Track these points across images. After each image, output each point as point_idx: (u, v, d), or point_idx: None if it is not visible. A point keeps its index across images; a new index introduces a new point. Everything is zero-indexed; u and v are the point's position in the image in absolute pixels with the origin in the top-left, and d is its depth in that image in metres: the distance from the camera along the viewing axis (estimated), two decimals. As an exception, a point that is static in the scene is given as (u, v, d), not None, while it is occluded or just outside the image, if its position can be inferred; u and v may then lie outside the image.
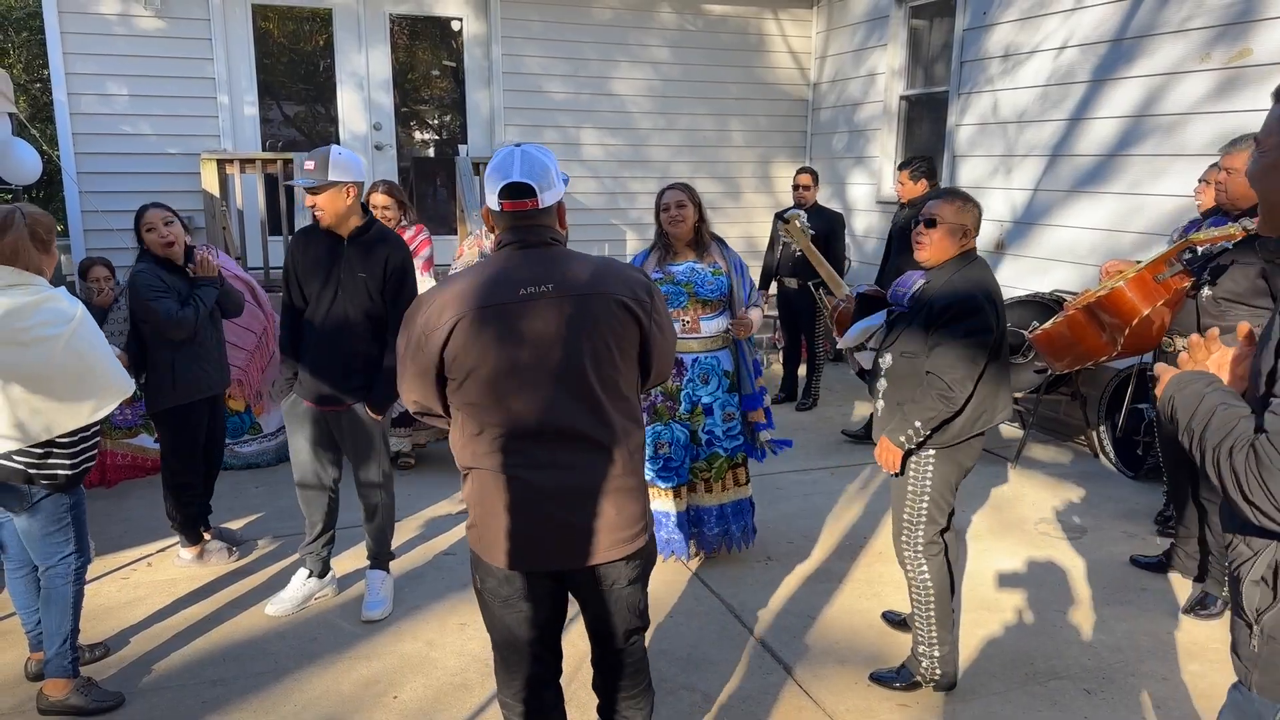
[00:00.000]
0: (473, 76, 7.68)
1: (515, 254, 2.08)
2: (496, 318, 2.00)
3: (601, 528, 2.10)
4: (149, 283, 3.84)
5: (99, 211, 6.34)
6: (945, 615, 3.07)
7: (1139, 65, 5.40)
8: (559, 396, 2.03)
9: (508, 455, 2.06)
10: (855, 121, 7.97)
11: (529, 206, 2.06)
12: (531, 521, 2.08)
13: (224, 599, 3.82)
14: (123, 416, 5.18)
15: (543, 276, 2.03)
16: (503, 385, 2.02)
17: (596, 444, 2.07)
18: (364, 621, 3.60)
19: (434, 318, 2.02)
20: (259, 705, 3.08)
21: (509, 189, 2.05)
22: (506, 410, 2.03)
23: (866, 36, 7.74)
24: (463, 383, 2.04)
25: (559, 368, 2.02)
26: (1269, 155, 1.44)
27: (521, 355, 2.01)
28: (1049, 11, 5.98)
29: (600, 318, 2.04)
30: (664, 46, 7.96)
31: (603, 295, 2.05)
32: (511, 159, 2.07)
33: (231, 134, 6.88)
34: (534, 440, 2.05)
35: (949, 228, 2.84)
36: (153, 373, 3.96)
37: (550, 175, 2.08)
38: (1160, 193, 5.26)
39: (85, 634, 3.44)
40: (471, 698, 3.12)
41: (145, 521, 4.58)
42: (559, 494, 2.07)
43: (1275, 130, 1.42)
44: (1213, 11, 4.97)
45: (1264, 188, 1.47)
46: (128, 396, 2.95)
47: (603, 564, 2.13)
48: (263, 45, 7.14)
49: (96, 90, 6.50)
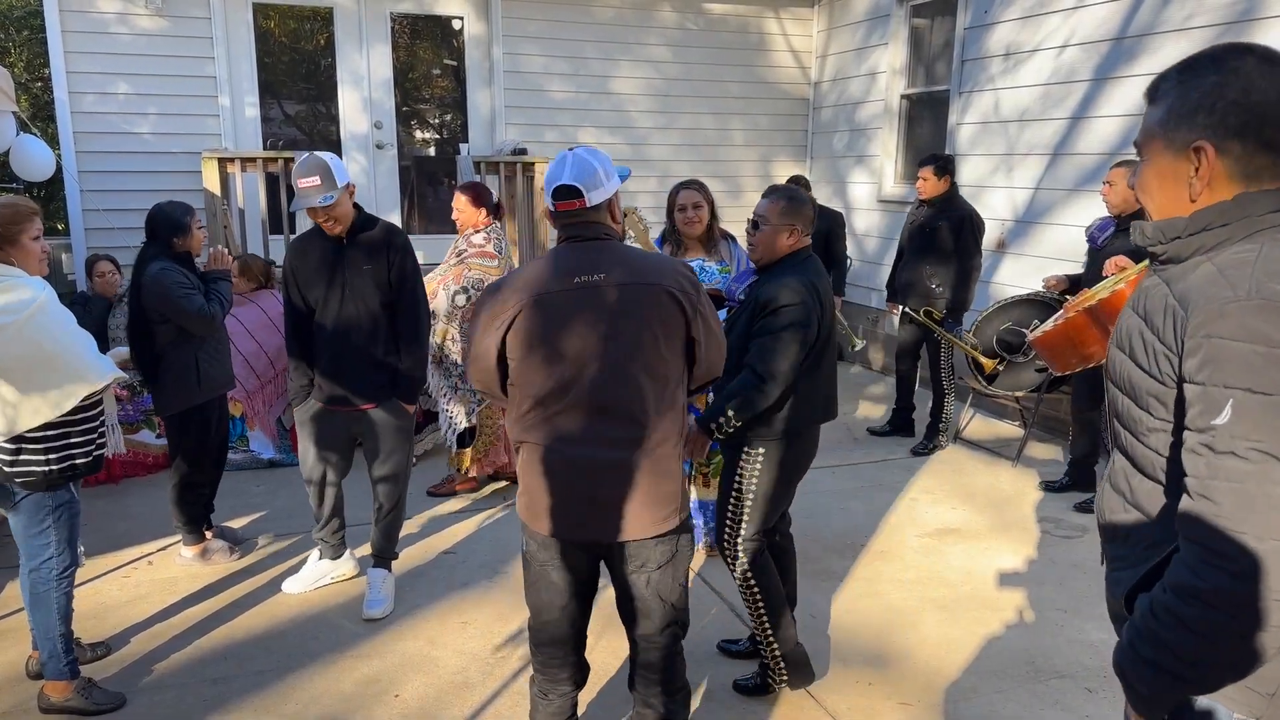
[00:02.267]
0: (473, 76, 7.68)
1: (570, 247, 2.26)
2: (552, 304, 2.18)
3: (633, 506, 2.23)
4: (178, 280, 3.77)
5: (100, 210, 6.34)
6: (777, 612, 2.98)
7: (1141, 64, 5.40)
8: (605, 377, 2.18)
9: (553, 431, 2.23)
10: (856, 120, 7.96)
11: (576, 206, 2.24)
12: (569, 494, 2.24)
13: (225, 598, 3.82)
14: (124, 413, 5.18)
15: (595, 266, 2.21)
16: (553, 366, 2.19)
17: (637, 424, 2.21)
18: (365, 620, 3.60)
19: (499, 306, 2.22)
20: (260, 704, 3.08)
21: (559, 191, 2.24)
22: (555, 388, 2.20)
23: (867, 35, 7.74)
24: (519, 363, 2.22)
25: (607, 351, 2.18)
26: (1146, 160, 1.40)
27: (573, 339, 2.18)
28: (1050, 10, 5.97)
29: (648, 306, 2.20)
30: (664, 46, 7.96)
31: (651, 285, 2.21)
32: (563, 163, 2.25)
33: (233, 133, 6.87)
34: (578, 418, 2.20)
35: (773, 228, 2.88)
36: (171, 373, 3.89)
37: (597, 176, 2.24)
38: (1161, 192, 5.26)
39: (87, 633, 3.45)
40: (473, 696, 3.12)
41: (146, 519, 4.59)
42: (596, 469, 2.21)
43: (1152, 133, 1.37)
44: (1214, 10, 4.96)
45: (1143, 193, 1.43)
46: (102, 386, 2.85)
47: (633, 541, 2.25)
48: (264, 44, 7.14)
49: (98, 89, 6.49)
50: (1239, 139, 1.27)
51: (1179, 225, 1.32)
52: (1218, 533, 1.18)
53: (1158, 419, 1.34)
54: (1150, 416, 1.35)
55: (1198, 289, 1.26)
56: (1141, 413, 1.37)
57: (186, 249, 3.89)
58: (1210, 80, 1.29)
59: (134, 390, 5.20)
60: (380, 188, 7.48)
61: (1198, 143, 1.29)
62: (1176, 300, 1.28)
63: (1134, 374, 1.37)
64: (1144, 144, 1.39)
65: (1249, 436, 1.17)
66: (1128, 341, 1.40)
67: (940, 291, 5.48)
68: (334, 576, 3.88)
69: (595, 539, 2.27)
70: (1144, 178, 1.40)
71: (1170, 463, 1.34)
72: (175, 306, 3.75)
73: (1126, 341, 1.40)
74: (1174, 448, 1.32)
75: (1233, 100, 1.26)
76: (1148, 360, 1.33)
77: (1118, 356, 1.43)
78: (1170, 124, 1.33)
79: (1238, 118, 1.27)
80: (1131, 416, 1.40)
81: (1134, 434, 1.40)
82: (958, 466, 5.47)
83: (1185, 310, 1.25)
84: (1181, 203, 1.34)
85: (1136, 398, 1.37)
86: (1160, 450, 1.35)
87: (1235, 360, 1.18)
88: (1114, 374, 1.44)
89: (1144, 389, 1.35)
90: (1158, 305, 1.32)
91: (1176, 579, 1.23)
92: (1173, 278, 1.32)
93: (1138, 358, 1.36)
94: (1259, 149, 1.27)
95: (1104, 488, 1.54)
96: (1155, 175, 1.37)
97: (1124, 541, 1.45)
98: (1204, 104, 1.29)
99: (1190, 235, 1.31)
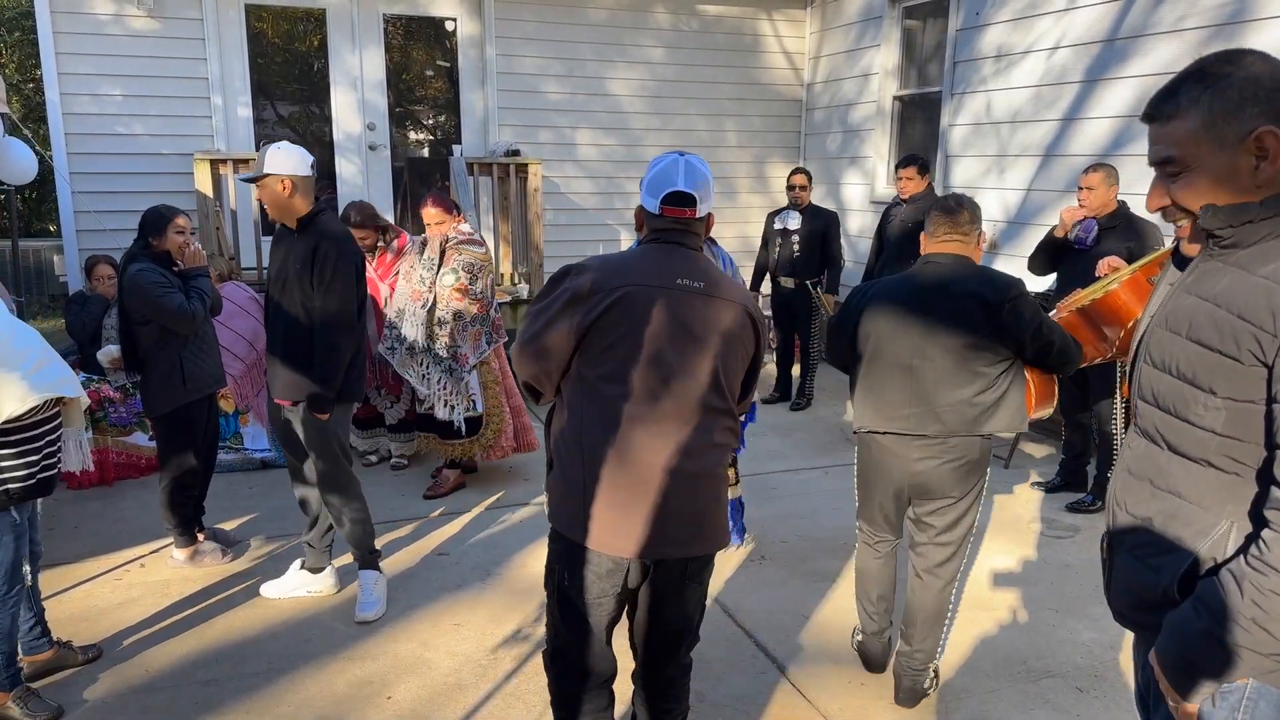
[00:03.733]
0: (467, 77, 7.68)
1: (670, 249, 2.19)
2: (657, 299, 2.10)
3: (708, 516, 2.18)
4: (155, 280, 3.79)
5: (92, 212, 6.33)
6: None
7: (1132, 65, 5.42)
8: (695, 383, 2.12)
9: (631, 435, 2.09)
10: (849, 122, 7.98)
11: (688, 215, 2.18)
12: (644, 504, 2.09)
13: (217, 600, 3.81)
14: (117, 415, 5.17)
15: (696, 274, 2.16)
16: (647, 364, 2.09)
17: (712, 435, 2.16)
18: (358, 623, 3.59)
19: (599, 282, 2.09)
20: (253, 706, 3.07)
21: (673, 196, 2.16)
22: (641, 388, 2.09)
23: (860, 37, 7.75)
24: (603, 353, 2.10)
25: (697, 356, 2.12)
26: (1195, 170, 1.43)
27: (670, 340, 2.10)
28: (1042, 12, 5.99)
29: (735, 323, 2.18)
30: (658, 47, 7.96)
31: (739, 305, 2.19)
32: (676, 168, 2.17)
33: (225, 134, 6.86)
34: (660, 422, 2.10)
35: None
36: (156, 373, 3.90)
37: (709, 189, 2.20)
38: (1153, 193, 5.28)
39: (78, 635, 3.44)
40: (466, 698, 3.12)
41: (138, 521, 4.57)
42: (676, 476, 2.10)
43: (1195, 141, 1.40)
44: (1206, 12, 4.98)
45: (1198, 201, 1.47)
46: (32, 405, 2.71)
47: (700, 556, 2.19)
48: (256, 45, 7.13)
49: (90, 90, 6.48)
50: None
51: (1252, 210, 1.37)
52: None
53: (1222, 398, 1.37)
54: (1213, 396, 1.38)
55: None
56: (1202, 393, 1.39)
57: (164, 249, 3.90)
58: (1240, 76, 1.35)
59: (126, 392, 5.19)
60: (374, 189, 7.46)
61: (1259, 131, 1.34)
62: (1265, 279, 1.33)
63: (1196, 354, 1.39)
64: (1186, 156, 1.41)
65: None
66: (1185, 324, 1.42)
67: None
68: (310, 590, 3.80)
69: (688, 554, 2.15)
70: (1195, 187, 1.42)
71: (1229, 441, 1.37)
72: (155, 306, 3.77)
73: (1184, 324, 1.42)
74: (1238, 425, 1.36)
75: (1272, 88, 1.34)
76: (1220, 339, 1.36)
77: (1166, 339, 1.45)
78: (1217, 125, 1.37)
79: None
80: (1181, 399, 1.43)
81: (1181, 417, 1.43)
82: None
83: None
84: (1246, 195, 1.38)
85: (1195, 379, 1.40)
86: (1219, 429, 1.38)
87: None
88: (1158, 358, 1.47)
89: (1209, 368, 1.38)
90: (1238, 287, 1.36)
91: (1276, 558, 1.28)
92: (1245, 261, 1.37)
93: (1204, 338, 1.38)
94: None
95: (1123, 478, 1.55)
96: (1211, 180, 1.40)
97: (1155, 529, 1.47)
98: (1247, 96, 1.34)
99: (1263, 220, 1.36)
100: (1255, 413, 1.34)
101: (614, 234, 8.12)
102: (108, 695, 3.13)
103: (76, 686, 3.17)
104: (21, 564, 2.92)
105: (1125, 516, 1.53)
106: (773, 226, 6.67)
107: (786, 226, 6.55)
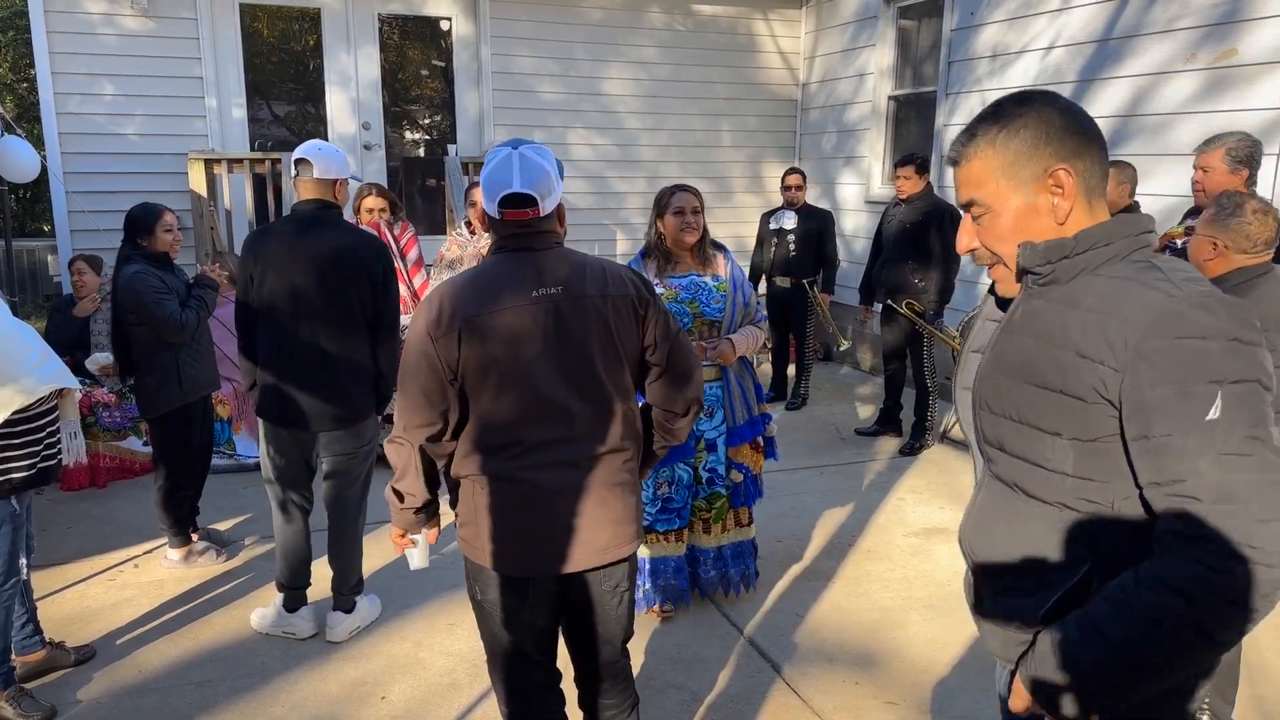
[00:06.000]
0: (461, 77, 7.67)
1: (522, 256, 2.03)
2: (511, 320, 1.97)
3: (608, 525, 2.09)
4: (152, 284, 3.77)
5: (85, 212, 6.31)
6: None
7: (1126, 65, 5.43)
8: (570, 395, 2.01)
9: (515, 458, 2.02)
10: (844, 122, 7.98)
11: (529, 216, 2.01)
12: (540, 523, 2.04)
13: (212, 600, 3.81)
14: (111, 419, 5.16)
15: (551, 279, 2.01)
16: (518, 386, 1.99)
17: (606, 441, 2.06)
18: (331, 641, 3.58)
19: (445, 321, 1.96)
20: (246, 707, 3.07)
21: (511, 199, 1.99)
22: (517, 412, 2.00)
23: (855, 36, 7.76)
24: (476, 387, 2.00)
25: (571, 367, 2.01)
26: (993, 212, 1.45)
27: (537, 356, 1.98)
28: (1037, 12, 6.00)
29: (609, 318, 2.03)
30: (653, 47, 7.96)
31: (609, 297, 2.04)
32: (509, 165, 1.99)
33: (220, 134, 6.85)
34: (541, 441, 2.02)
35: None
36: (152, 375, 3.88)
37: (550, 180, 2.02)
38: (1149, 193, 5.28)
39: (71, 636, 3.43)
40: (460, 698, 3.11)
41: (133, 523, 4.56)
42: (567, 492, 2.04)
43: (993, 180, 1.41)
44: (1199, 12, 5.00)
45: (999, 243, 1.48)
46: (40, 396, 2.79)
47: (610, 564, 2.12)
48: (251, 45, 7.12)
49: (83, 90, 6.46)
50: (1079, 159, 1.37)
51: (1066, 245, 1.36)
52: (1242, 526, 1.20)
53: (1069, 439, 1.34)
54: (1059, 438, 1.35)
55: (1129, 300, 1.28)
56: (1048, 436, 1.36)
57: (154, 249, 3.88)
58: (1030, 117, 1.38)
59: (122, 396, 5.17)
60: (368, 189, 7.44)
61: (1056, 169, 1.36)
62: (1094, 313, 1.30)
63: (1038, 397, 1.36)
64: (986, 198, 1.42)
65: (1244, 423, 1.22)
66: (1021, 367, 1.39)
67: (924, 287, 5.52)
68: (285, 630, 3.51)
69: (583, 567, 2.08)
70: (997, 229, 1.43)
71: (1081, 482, 1.34)
72: (148, 311, 3.76)
73: (1020, 367, 1.39)
74: (1088, 465, 1.33)
75: (1060, 127, 1.36)
76: (1063, 380, 1.33)
77: (1004, 385, 1.42)
78: (1013, 166, 1.38)
79: (1073, 141, 1.37)
80: (1027, 443, 1.40)
81: (1029, 461, 1.40)
82: (944, 466, 5.49)
83: (1119, 320, 1.27)
84: (1049, 231, 1.39)
85: (1039, 423, 1.37)
86: (1070, 471, 1.35)
87: (1208, 356, 1.22)
88: (998, 406, 1.44)
89: (1054, 410, 1.34)
90: (1070, 324, 1.33)
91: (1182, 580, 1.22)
92: (1069, 297, 1.35)
93: (1044, 379, 1.35)
94: (1092, 166, 1.38)
95: (974, 523, 1.53)
96: (1013, 218, 1.41)
97: (1015, 572, 1.44)
98: (1041, 137, 1.37)
99: (1077, 255, 1.36)
100: (1104, 451, 1.31)
101: (609, 234, 8.12)
102: (101, 696, 3.12)
103: (70, 687, 3.16)
104: (19, 555, 2.95)
105: (984, 562, 1.50)
106: (768, 226, 6.68)
107: (782, 226, 6.55)
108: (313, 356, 3.26)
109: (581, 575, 2.12)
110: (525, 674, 2.21)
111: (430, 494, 2.11)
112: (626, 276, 2.11)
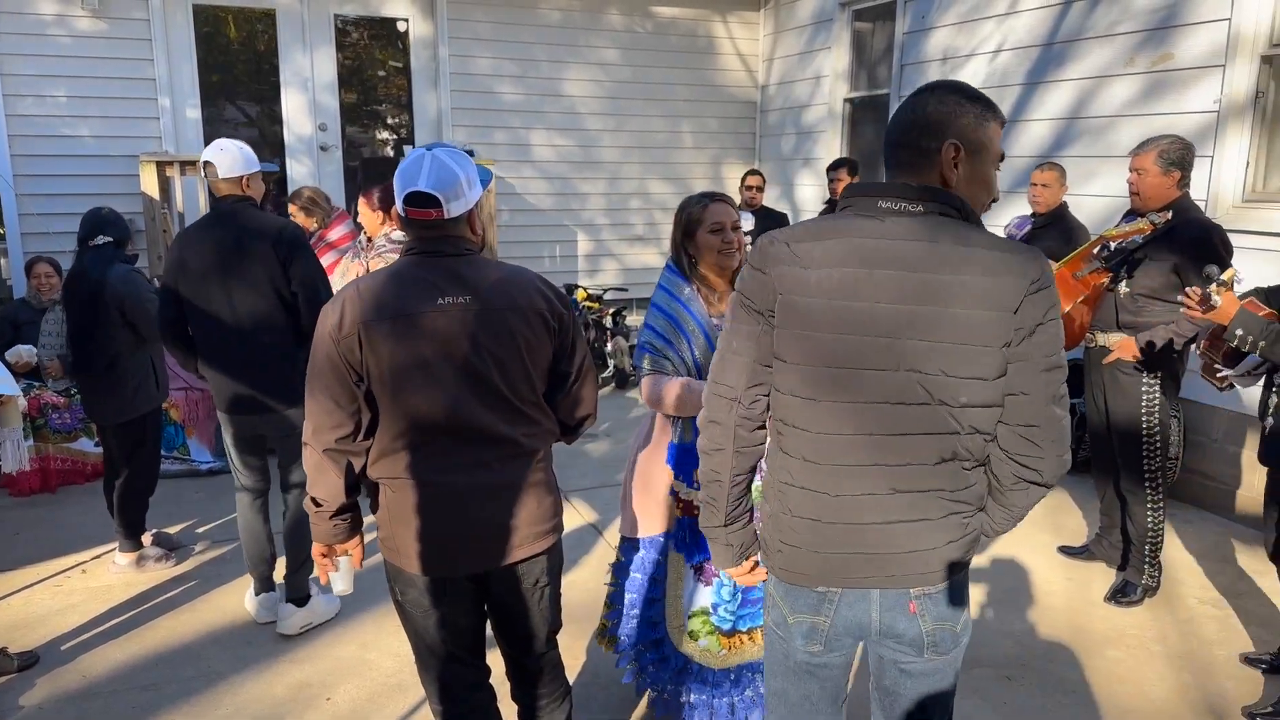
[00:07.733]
0: (419, 77, 7.66)
1: (430, 261, 2.04)
2: (416, 326, 1.98)
3: (521, 523, 2.12)
4: (147, 285, 3.84)
5: (37, 215, 6.24)
6: None
7: (1070, 69, 5.54)
8: (474, 401, 2.03)
9: (425, 461, 2.05)
10: (802, 124, 8.06)
11: (433, 217, 2.02)
12: (453, 524, 2.08)
13: (160, 605, 3.79)
14: (61, 420, 5.11)
15: (459, 286, 2.01)
16: (422, 392, 2.00)
17: (512, 444, 2.09)
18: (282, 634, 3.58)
19: (346, 325, 1.98)
20: (190, 710, 3.07)
21: (413, 198, 2.00)
22: (423, 416, 2.02)
23: (812, 39, 7.84)
24: (382, 391, 2.02)
25: (475, 374, 2.02)
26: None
27: (440, 362, 2.00)
28: (985, 15, 6.11)
29: (516, 328, 2.04)
30: (613, 48, 7.99)
31: (518, 307, 2.05)
32: (420, 164, 2.00)
33: (174, 136, 6.79)
34: (450, 444, 2.05)
35: None
36: (133, 377, 3.92)
37: (459, 185, 2.01)
38: (1091, 193, 5.40)
39: (14, 642, 3.41)
40: (406, 698, 3.13)
41: (82, 528, 4.53)
42: (478, 493, 2.07)
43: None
44: (1137, 17, 5.11)
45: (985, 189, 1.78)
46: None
47: (525, 560, 2.15)
48: (206, 46, 7.07)
49: (33, 91, 6.39)
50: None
51: None
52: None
53: None
54: None
55: None
56: None
57: (133, 253, 3.94)
58: None
59: (70, 396, 5.13)
60: (326, 190, 7.41)
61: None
62: None
63: None
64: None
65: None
66: None
67: None
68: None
69: (489, 566, 2.12)
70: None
71: None
72: (144, 310, 3.80)
73: None
74: None
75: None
76: None
77: None
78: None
79: None
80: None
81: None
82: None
83: None
84: None
85: None
86: None
87: None
88: None
89: None
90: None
91: None
92: None
93: None
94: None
95: None
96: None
97: None
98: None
99: None
100: None
101: (570, 234, 8.14)
102: (44, 702, 3.11)
103: (12, 693, 3.15)
104: None
105: None
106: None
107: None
108: (235, 343, 3.35)
109: (500, 572, 2.15)
110: (452, 672, 2.25)
111: (348, 498, 2.11)
112: (541, 289, 2.12)
